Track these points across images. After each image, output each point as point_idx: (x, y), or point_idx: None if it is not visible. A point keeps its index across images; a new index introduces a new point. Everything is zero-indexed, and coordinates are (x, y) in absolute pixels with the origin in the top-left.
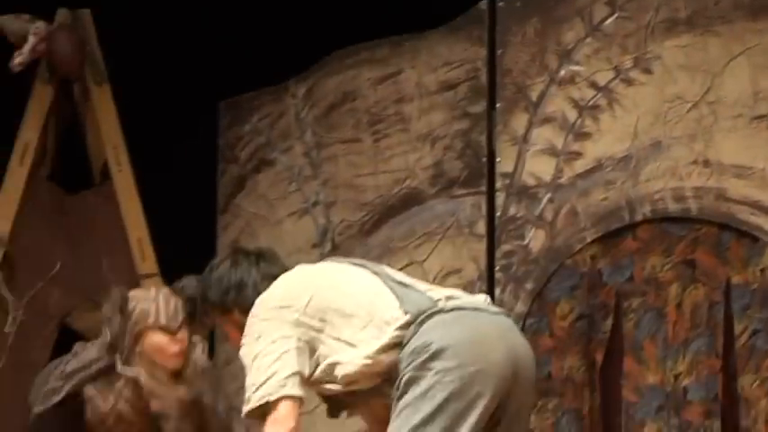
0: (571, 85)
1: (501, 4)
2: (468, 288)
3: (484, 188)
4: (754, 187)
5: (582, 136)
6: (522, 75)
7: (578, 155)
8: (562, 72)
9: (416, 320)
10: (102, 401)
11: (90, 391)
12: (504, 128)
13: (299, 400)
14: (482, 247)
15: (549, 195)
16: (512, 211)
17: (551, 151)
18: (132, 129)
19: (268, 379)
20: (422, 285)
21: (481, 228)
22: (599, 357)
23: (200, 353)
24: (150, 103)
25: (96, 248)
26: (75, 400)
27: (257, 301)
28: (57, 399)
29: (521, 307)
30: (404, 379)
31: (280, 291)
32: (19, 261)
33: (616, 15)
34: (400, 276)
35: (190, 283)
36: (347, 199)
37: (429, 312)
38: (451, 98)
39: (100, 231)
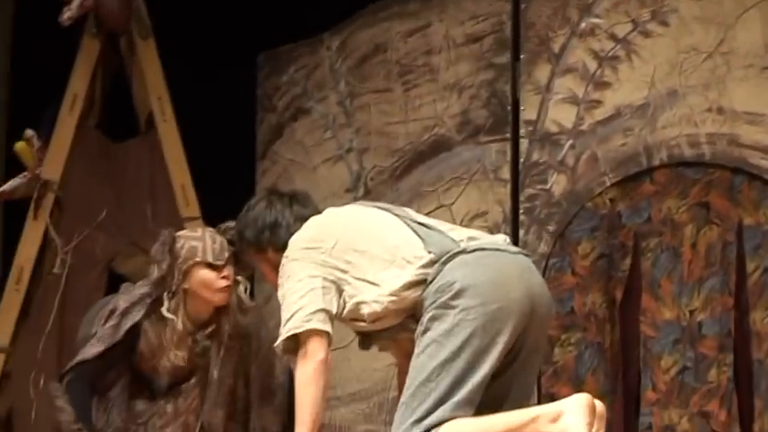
0: (591, 38)
1: None
2: (494, 230)
3: (508, 135)
4: (765, 133)
5: (602, 85)
6: (545, 27)
7: (598, 103)
8: (583, 25)
9: (440, 260)
10: (154, 336)
11: (145, 325)
12: (528, 78)
13: (326, 335)
14: (507, 190)
15: (570, 142)
16: (535, 156)
17: (573, 100)
18: (176, 80)
19: (294, 314)
20: (443, 226)
21: (506, 173)
22: (618, 294)
23: (242, 291)
24: (193, 55)
25: (141, 195)
26: (131, 335)
27: (290, 243)
28: (118, 336)
29: (544, 247)
30: (428, 316)
31: (309, 233)
32: (68, 206)
33: None
34: (423, 218)
35: (233, 225)
36: (379, 146)
37: (452, 252)
38: (477, 50)
39: (145, 178)
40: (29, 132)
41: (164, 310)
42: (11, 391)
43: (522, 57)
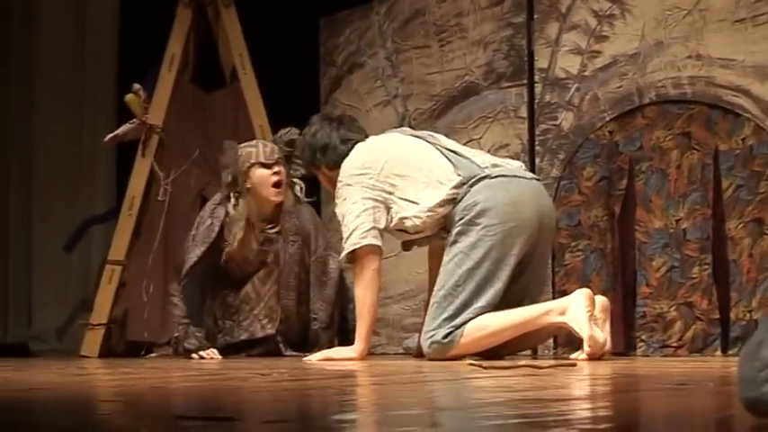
0: None
1: None
2: (514, 158)
3: (525, 81)
4: (736, 75)
5: (601, 38)
6: None
7: (598, 53)
8: None
9: (468, 182)
10: (231, 236)
11: (225, 221)
12: (541, 34)
13: (378, 248)
14: (524, 126)
15: (576, 85)
16: (547, 98)
17: (577, 51)
18: (254, 41)
19: (353, 232)
20: (470, 153)
21: (523, 112)
22: (617, 209)
23: (298, 190)
24: (267, 20)
25: (227, 135)
26: (220, 234)
27: (342, 168)
28: (213, 235)
29: (555, 172)
30: (456, 230)
31: (358, 160)
32: (168, 146)
33: None
34: (453, 145)
35: (287, 131)
36: (420, 92)
37: (478, 177)
38: (499, 12)
39: (230, 121)
40: (136, 86)
41: (230, 206)
42: (127, 296)
43: (535, 16)
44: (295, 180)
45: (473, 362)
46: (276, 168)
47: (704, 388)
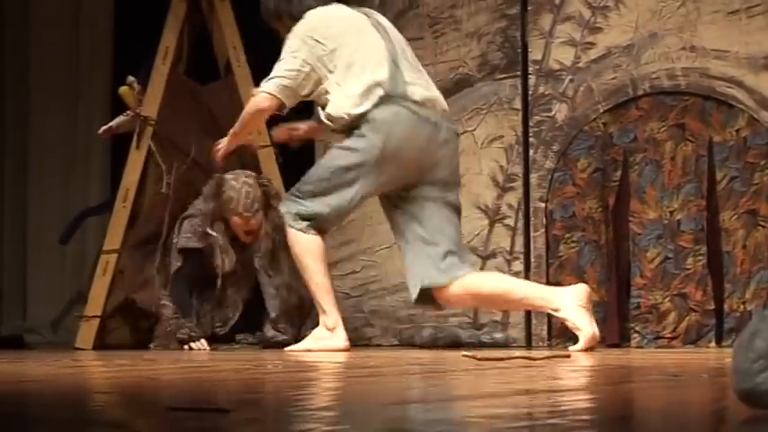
0: None
1: None
2: (509, 150)
3: (519, 73)
4: (729, 66)
5: (595, 30)
6: None
7: (592, 45)
8: None
9: (382, 103)
10: (218, 257)
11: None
12: (534, 25)
13: (279, 100)
14: (519, 118)
15: (570, 77)
16: (541, 89)
17: (571, 42)
18: (249, 33)
19: (277, 76)
20: (410, 75)
21: (518, 103)
22: (611, 200)
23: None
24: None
25: (220, 127)
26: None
27: (303, 22)
28: (188, 248)
29: (549, 164)
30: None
31: (319, 24)
32: (164, 138)
33: None
34: (403, 58)
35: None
36: None
37: (392, 98)
38: (493, 3)
39: (224, 113)
40: (130, 78)
41: (209, 229)
42: (124, 284)
43: (529, 8)
44: (266, 228)
45: (467, 353)
46: (252, 221)
47: (698, 379)
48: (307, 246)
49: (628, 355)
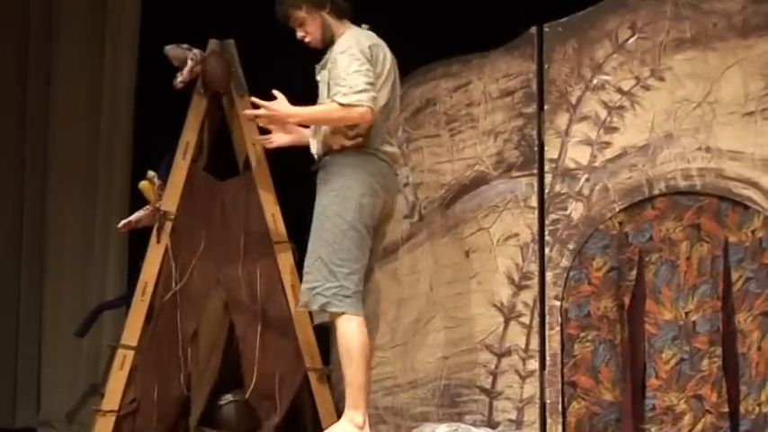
0: (602, 91)
1: (547, 29)
2: (524, 248)
3: (535, 171)
4: (745, 168)
5: (611, 130)
6: (564, 83)
7: (608, 144)
8: (595, 81)
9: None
10: None
11: None
12: (551, 124)
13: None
14: (534, 216)
15: (586, 176)
16: (557, 188)
17: (587, 142)
18: (267, 129)
19: (365, 90)
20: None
21: (534, 201)
22: (627, 300)
23: None
24: None
25: (238, 223)
26: None
27: (357, 38)
28: None
29: (565, 262)
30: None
31: (372, 50)
32: (181, 233)
33: (636, 36)
34: (393, 118)
35: None
36: (430, 181)
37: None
38: (509, 102)
39: (237, 209)
40: (150, 173)
41: None
42: (138, 382)
43: (545, 107)
44: None
45: None
46: None
47: None
48: (362, 340)
49: None
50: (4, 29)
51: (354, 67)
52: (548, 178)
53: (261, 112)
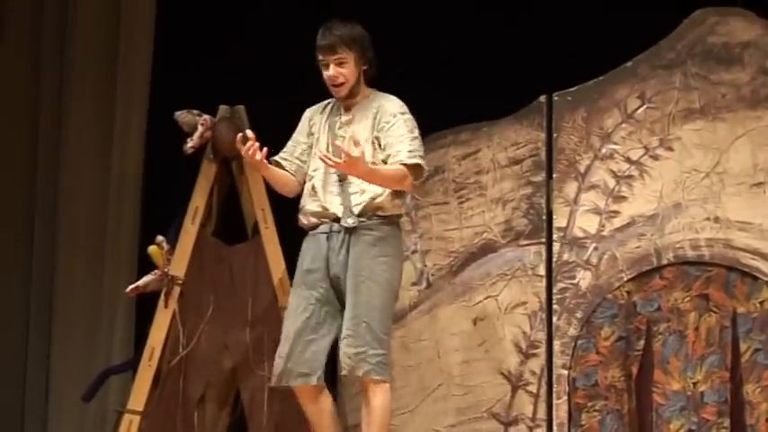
0: (610, 160)
1: (556, 98)
2: (532, 317)
3: (544, 239)
4: (753, 238)
5: (619, 199)
6: (573, 152)
7: (616, 213)
8: (603, 150)
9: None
10: None
11: None
12: (559, 193)
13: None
14: (543, 284)
15: (594, 245)
16: (565, 257)
17: (596, 211)
18: (276, 196)
19: (422, 156)
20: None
21: (541, 270)
22: (634, 370)
23: None
24: None
25: (237, 287)
26: None
27: (401, 105)
28: None
29: (573, 331)
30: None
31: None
32: (189, 298)
33: (645, 106)
34: None
35: None
36: (438, 248)
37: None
38: (518, 170)
39: (245, 275)
40: (159, 238)
41: None
42: None
43: (554, 176)
44: None
45: None
46: None
47: None
48: (389, 404)
49: None
50: (16, 99)
51: (415, 132)
52: (556, 247)
53: (338, 160)
